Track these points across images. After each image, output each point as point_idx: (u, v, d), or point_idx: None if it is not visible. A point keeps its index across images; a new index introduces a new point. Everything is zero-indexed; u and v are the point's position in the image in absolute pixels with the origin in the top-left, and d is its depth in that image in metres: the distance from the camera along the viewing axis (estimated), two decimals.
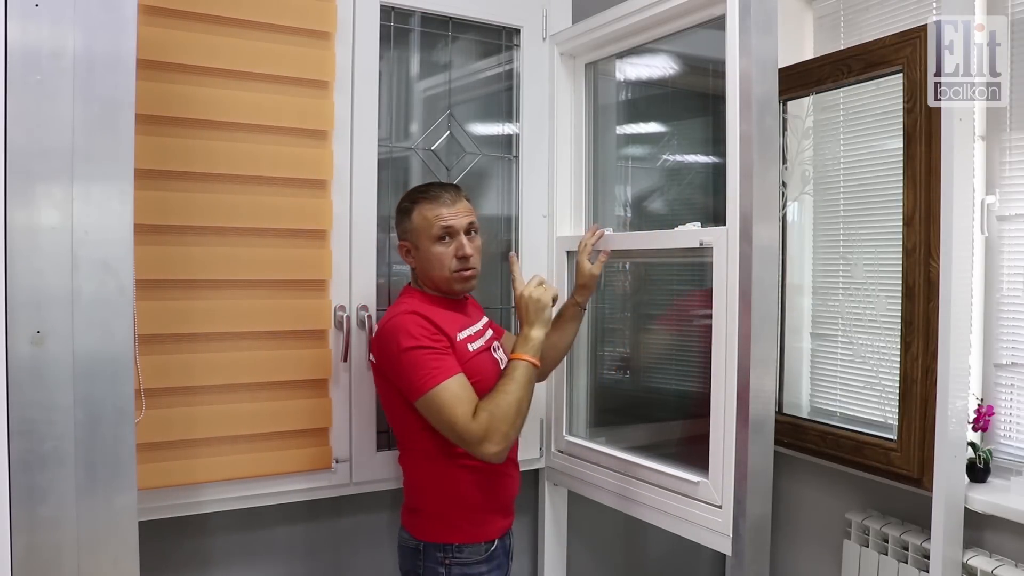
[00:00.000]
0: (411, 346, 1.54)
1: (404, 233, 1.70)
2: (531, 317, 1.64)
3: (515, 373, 1.57)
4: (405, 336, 1.55)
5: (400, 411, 1.64)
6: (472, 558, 1.64)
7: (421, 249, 1.67)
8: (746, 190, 1.58)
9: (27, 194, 1.09)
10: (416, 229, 1.66)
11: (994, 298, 1.89)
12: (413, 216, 1.67)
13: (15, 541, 1.07)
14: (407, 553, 1.69)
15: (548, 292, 1.66)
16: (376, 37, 1.93)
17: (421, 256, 1.67)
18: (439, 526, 1.64)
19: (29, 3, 1.08)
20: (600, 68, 2.20)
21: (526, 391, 1.56)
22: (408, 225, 1.68)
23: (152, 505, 1.67)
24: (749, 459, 1.57)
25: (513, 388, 1.55)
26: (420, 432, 1.61)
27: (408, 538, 1.68)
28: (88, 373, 1.12)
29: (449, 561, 1.62)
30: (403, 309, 1.62)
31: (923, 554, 1.88)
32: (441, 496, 1.64)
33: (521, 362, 1.59)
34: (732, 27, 1.61)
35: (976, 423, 1.85)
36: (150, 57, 1.64)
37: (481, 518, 1.66)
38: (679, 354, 2.12)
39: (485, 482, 1.65)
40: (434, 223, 1.64)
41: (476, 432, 1.50)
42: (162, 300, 1.70)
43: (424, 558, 1.64)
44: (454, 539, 1.63)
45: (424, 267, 1.68)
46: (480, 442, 1.50)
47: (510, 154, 2.21)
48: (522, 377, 1.56)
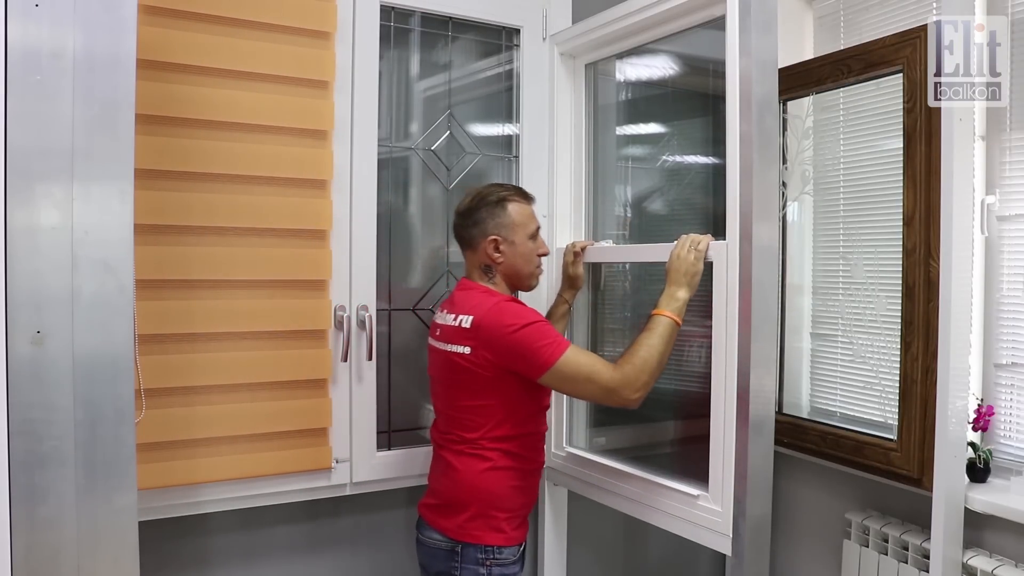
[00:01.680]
0: (531, 321, 1.58)
1: (498, 227, 1.69)
2: (681, 279, 1.64)
3: (659, 328, 1.59)
4: (520, 314, 1.60)
5: (485, 398, 1.62)
6: (510, 559, 1.65)
7: (517, 244, 1.70)
8: (746, 190, 1.58)
9: (27, 194, 1.09)
10: (515, 224, 1.69)
11: (994, 298, 1.88)
12: (510, 210, 1.69)
13: (15, 541, 1.08)
14: (439, 555, 1.66)
15: (701, 261, 1.65)
16: (376, 37, 1.93)
17: (516, 251, 1.70)
18: (484, 528, 1.63)
19: (29, 3, 1.08)
20: (600, 68, 2.20)
21: (668, 346, 1.59)
22: (505, 219, 1.69)
23: (152, 505, 1.68)
24: (749, 459, 1.57)
25: (656, 342, 1.57)
26: (498, 425, 1.62)
27: (442, 539, 1.66)
28: (88, 373, 1.12)
29: (490, 563, 1.62)
30: (499, 299, 1.64)
31: (923, 554, 1.88)
32: (490, 496, 1.64)
33: (664, 318, 1.60)
34: (732, 27, 1.61)
35: (976, 423, 1.85)
36: (150, 57, 1.64)
37: (520, 520, 1.69)
38: (679, 354, 2.11)
39: (527, 484, 1.69)
40: (531, 221, 1.73)
41: (620, 380, 1.54)
42: (162, 300, 1.70)
43: (462, 559, 1.63)
44: (498, 541, 1.63)
45: (515, 262, 1.70)
46: (623, 388, 1.54)
47: (510, 154, 2.21)
48: (665, 332, 1.59)
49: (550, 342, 1.56)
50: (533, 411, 1.70)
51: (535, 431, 1.72)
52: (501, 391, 1.62)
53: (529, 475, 1.71)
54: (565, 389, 1.66)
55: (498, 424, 1.63)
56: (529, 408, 1.68)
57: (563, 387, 1.63)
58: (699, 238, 1.67)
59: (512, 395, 1.63)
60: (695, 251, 1.65)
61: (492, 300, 1.63)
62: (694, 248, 1.65)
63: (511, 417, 1.64)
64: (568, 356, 1.56)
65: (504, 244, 1.69)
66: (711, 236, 1.67)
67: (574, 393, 1.68)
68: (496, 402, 1.63)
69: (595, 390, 1.57)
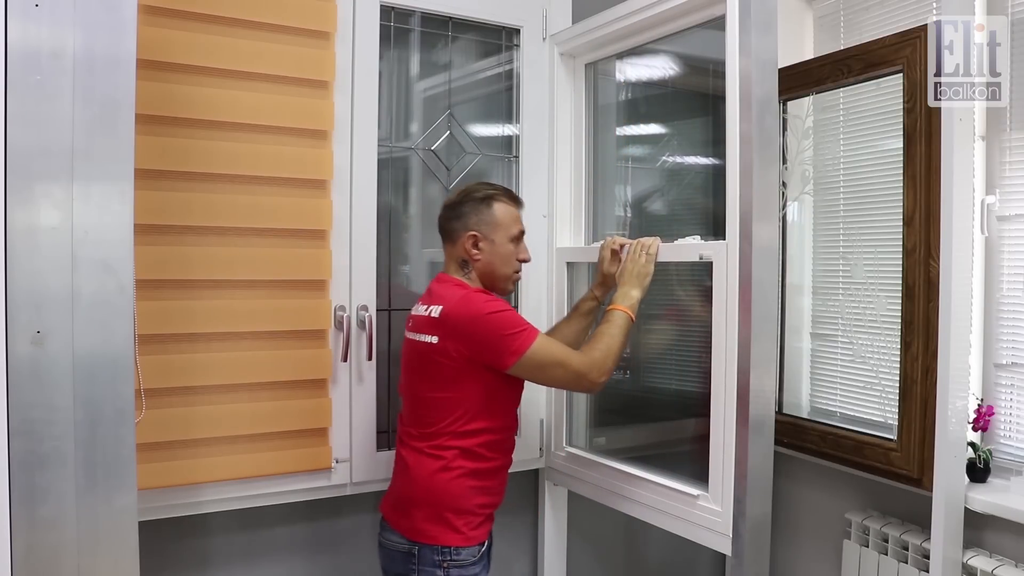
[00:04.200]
0: (498, 310, 1.60)
1: (480, 223, 1.68)
2: (633, 280, 1.73)
3: (617, 321, 1.67)
4: (488, 304, 1.60)
5: (448, 390, 1.61)
6: (468, 560, 1.62)
7: (496, 243, 1.69)
8: (746, 190, 1.58)
9: (27, 194, 1.09)
10: (497, 222, 1.69)
11: (994, 298, 1.88)
12: (495, 209, 1.69)
13: (15, 541, 1.08)
14: (397, 557, 1.65)
15: (652, 264, 1.74)
16: (376, 37, 1.93)
17: (494, 249, 1.69)
18: (440, 528, 1.61)
19: (29, 3, 1.08)
20: (600, 68, 2.20)
21: (625, 338, 1.67)
22: (488, 217, 1.68)
23: (152, 505, 1.67)
24: (749, 459, 1.57)
25: (616, 332, 1.65)
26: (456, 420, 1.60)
27: (400, 540, 1.64)
28: (88, 373, 1.12)
29: (447, 564, 1.60)
30: (469, 291, 1.64)
31: (923, 554, 1.88)
32: (443, 496, 1.61)
33: (620, 312, 1.68)
34: (732, 27, 1.61)
35: (976, 423, 1.85)
36: (150, 57, 1.64)
37: (480, 520, 1.65)
38: (679, 354, 2.12)
39: (487, 483, 1.65)
40: (515, 224, 1.72)
41: (589, 364, 1.61)
42: (162, 300, 1.70)
43: (419, 561, 1.61)
44: (455, 542, 1.61)
45: (492, 262, 1.69)
46: (592, 371, 1.61)
47: (510, 154, 2.21)
48: (623, 324, 1.67)
49: (520, 331, 1.58)
50: (496, 408, 1.65)
51: (499, 428, 1.67)
52: (464, 385, 1.60)
53: (490, 475, 1.66)
54: (536, 376, 1.65)
55: (457, 420, 1.61)
56: (492, 405, 1.64)
57: (534, 375, 1.64)
58: (649, 242, 1.75)
59: (475, 390, 1.61)
60: (646, 255, 1.74)
61: (462, 291, 1.63)
62: (644, 252, 1.75)
63: (472, 413, 1.61)
64: (539, 343, 1.59)
65: (484, 241, 1.68)
66: (659, 239, 1.77)
67: (543, 380, 1.68)
68: (458, 395, 1.61)
69: (565, 375, 1.61)
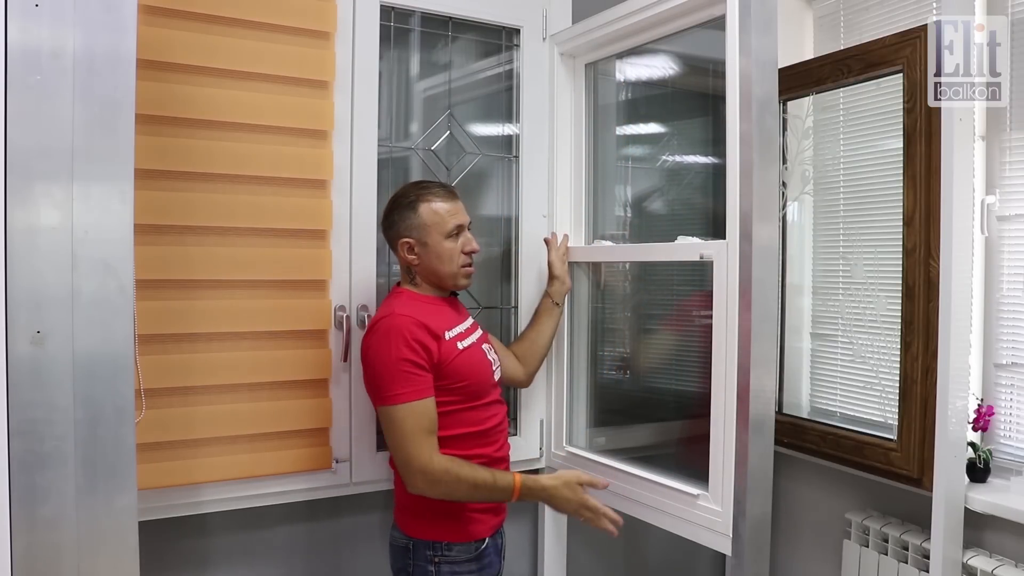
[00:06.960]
0: (397, 357, 1.54)
1: (409, 229, 1.68)
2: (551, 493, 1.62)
3: (498, 477, 1.59)
4: (396, 342, 1.55)
5: None
6: (461, 556, 1.64)
7: (430, 245, 1.67)
8: (746, 190, 1.58)
9: (27, 194, 1.09)
10: (425, 225, 1.67)
11: (994, 298, 1.89)
12: (421, 211, 1.67)
13: (15, 541, 1.07)
14: (397, 551, 1.70)
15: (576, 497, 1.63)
16: (376, 37, 1.93)
17: (429, 252, 1.67)
18: (428, 524, 1.64)
19: (29, 3, 1.08)
20: (600, 68, 2.20)
21: (485, 493, 1.58)
22: (415, 221, 1.67)
23: (152, 505, 1.67)
24: (749, 459, 1.57)
25: (482, 482, 1.57)
26: None
27: (399, 536, 1.69)
28: (88, 373, 1.12)
29: (439, 559, 1.63)
30: (398, 311, 1.61)
31: (923, 554, 1.88)
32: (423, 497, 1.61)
33: (513, 477, 1.59)
34: (732, 27, 1.61)
35: (976, 423, 1.85)
36: (150, 57, 1.64)
37: (469, 516, 1.66)
38: (679, 354, 2.12)
39: None
40: (447, 219, 1.67)
41: (424, 468, 1.53)
42: (162, 300, 1.70)
43: (414, 556, 1.65)
44: (444, 537, 1.63)
45: (431, 263, 1.68)
46: (417, 475, 1.53)
47: (510, 154, 2.21)
48: (496, 483, 1.58)
49: (400, 387, 1.54)
50: (453, 411, 1.63)
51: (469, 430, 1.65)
52: None
53: None
54: (384, 430, 1.60)
55: None
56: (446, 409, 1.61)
57: (384, 428, 1.59)
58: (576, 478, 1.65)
59: None
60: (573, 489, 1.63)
61: (391, 310, 1.61)
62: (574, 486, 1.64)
63: None
64: (399, 411, 1.53)
65: (418, 246, 1.68)
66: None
67: (387, 438, 1.60)
68: None
69: (398, 456, 1.56)
